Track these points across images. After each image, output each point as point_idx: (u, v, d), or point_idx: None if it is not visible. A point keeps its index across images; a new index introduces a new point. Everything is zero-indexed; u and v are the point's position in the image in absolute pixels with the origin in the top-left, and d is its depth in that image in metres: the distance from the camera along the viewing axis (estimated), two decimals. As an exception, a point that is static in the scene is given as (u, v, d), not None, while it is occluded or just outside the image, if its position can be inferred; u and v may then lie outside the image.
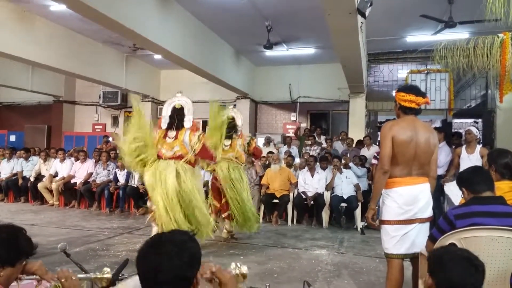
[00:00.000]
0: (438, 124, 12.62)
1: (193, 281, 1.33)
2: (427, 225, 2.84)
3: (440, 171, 5.65)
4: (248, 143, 5.88)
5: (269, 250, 5.13)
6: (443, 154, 6.03)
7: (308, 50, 9.96)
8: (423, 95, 2.87)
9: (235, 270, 1.57)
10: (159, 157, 4.63)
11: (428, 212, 2.84)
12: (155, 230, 4.59)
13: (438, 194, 5.76)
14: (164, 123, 4.76)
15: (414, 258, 2.84)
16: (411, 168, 2.81)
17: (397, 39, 9.16)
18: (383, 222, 2.88)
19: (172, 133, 4.70)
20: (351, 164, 7.21)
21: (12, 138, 13.03)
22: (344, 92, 10.54)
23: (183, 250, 1.31)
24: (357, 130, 10.05)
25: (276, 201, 6.93)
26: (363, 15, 5.03)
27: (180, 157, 4.61)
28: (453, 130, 10.37)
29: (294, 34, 8.77)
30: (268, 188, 7.06)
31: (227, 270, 1.55)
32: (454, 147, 6.46)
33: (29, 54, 7.89)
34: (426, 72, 10.13)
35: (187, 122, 4.78)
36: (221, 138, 5.24)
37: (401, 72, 10.42)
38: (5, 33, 7.23)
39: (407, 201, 2.77)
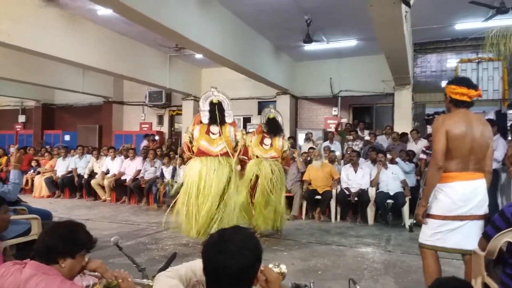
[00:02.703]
0: (491, 116, 11.87)
1: (254, 278, 1.35)
2: (480, 222, 2.70)
3: (495, 165, 5.32)
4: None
5: (313, 246, 5.10)
6: (500, 147, 5.67)
7: (349, 43, 9.72)
8: (475, 87, 2.76)
9: (274, 269, 1.58)
10: (202, 152, 4.67)
11: (483, 209, 2.71)
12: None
13: (493, 189, 5.45)
14: (205, 117, 4.79)
15: (466, 255, 2.73)
16: (468, 163, 2.70)
17: (445, 27, 8.70)
18: (429, 216, 2.80)
19: (215, 129, 4.72)
20: (398, 159, 6.97)
21: (67, 137, 13.89)
22: (389, 84, 10.19)
23: (245, 248, 1.33)
24: (403, 124, 9.70)
25: (318, 197, 6.86)
26: (407, 4, 4.84)
27: (225, 154, 4.68)
28: (508, 121, 9.72)
29: (334, 26, 8.60)
30: (310, 184, 7.01)
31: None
32: (510, 139, 6.06)
33: (80, 57, 8.35)
34: (477, 61, 9.57)
35: (229, 118, 4.84)
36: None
37: (450, 61, 9.91)
38: (56, 38, 7.69)
39: (462, 197, 2.67)
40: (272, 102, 11.61)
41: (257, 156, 5.51)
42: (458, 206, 2.67)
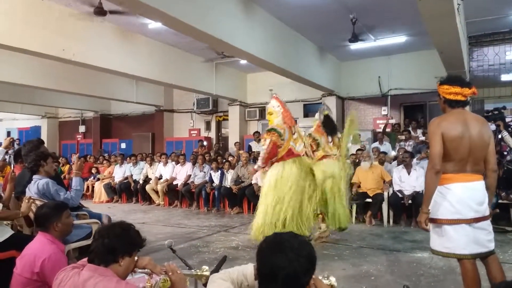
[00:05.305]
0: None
1: (307, 285, 1.36)
2: (485, 223, 2.65)
3: None
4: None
5: (364, 251, 4.96)
6: None
7: (398, 39, 9.35)
8: (468, 85, 2.70)
9: (324, 281, 1.56)
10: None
11: (484, 211, 2.64)
12: None
13: None
14: None
15: (484, 258, 2.69)
16: (466, 165, 2.63)
17: (502, 18, 8.12)
18: (434, 220, 2.70)
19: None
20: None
21: (123, 145, 14.67)
22: (442, 80, 9.67)
23: (301, 255, 1.34)
24: (459, 121, 9.13)
25: (369, 200, 6.66)
26: (460, -5, 4.58)
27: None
28: None
29: (381, 23, 8.33)
30: (359, 187, 6.83)
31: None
32: None
33: (133, 69, 8.81)
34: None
35: None
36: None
37: (509, 54, 9.23)
38: (111, 52, 8.19)
39: (459, 199, 2.59)
40: (318, 104, 11.47)
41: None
42: (456, 209, 2.59)
